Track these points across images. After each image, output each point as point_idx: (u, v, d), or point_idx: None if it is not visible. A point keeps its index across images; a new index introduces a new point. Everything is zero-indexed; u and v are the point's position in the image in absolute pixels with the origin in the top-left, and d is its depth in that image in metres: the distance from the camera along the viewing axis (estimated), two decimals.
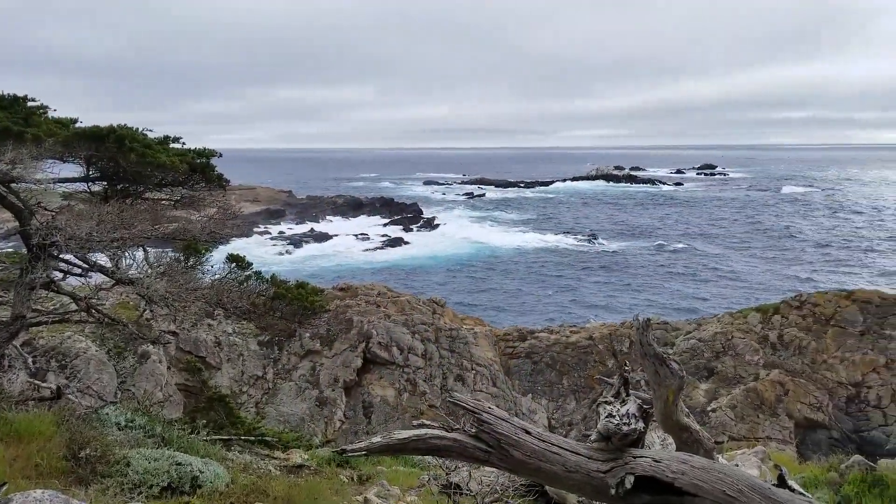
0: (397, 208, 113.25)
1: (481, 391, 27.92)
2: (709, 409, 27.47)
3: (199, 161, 10.42)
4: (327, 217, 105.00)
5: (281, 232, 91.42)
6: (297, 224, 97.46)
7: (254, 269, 10.12)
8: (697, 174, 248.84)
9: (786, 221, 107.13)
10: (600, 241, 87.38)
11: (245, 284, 9.86)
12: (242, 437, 10.88)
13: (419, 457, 9.37)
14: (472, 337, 29.16)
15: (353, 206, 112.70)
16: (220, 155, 11.46)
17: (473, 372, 28.26)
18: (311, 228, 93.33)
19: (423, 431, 3.93)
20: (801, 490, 5.40)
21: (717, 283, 64.77)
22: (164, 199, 10.96)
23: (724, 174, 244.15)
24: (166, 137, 10.62)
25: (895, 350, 28.19)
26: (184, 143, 10.77)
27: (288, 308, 9.81)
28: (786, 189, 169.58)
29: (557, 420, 27.68)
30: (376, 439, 3.94)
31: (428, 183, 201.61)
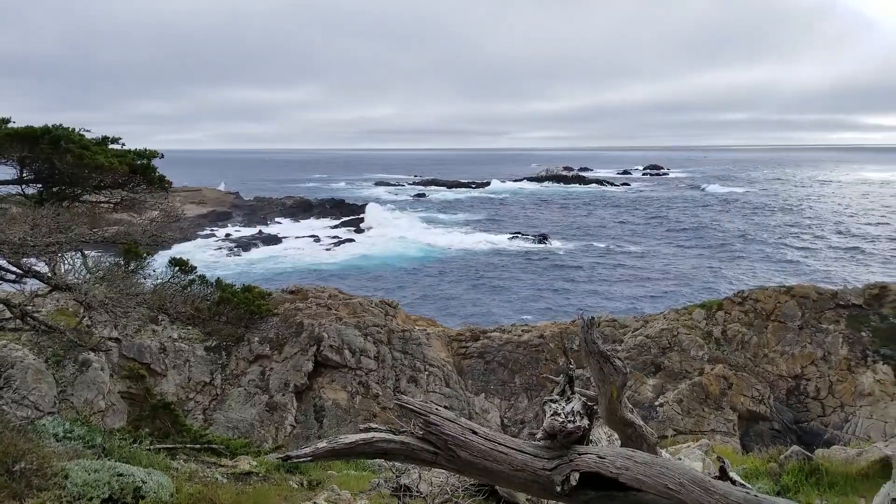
0: (348, 210, 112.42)
1: (434, 392, 27.93)
2: (656, 403, 28.08)
3: (139, 162, 10.11)
4: (276, 219, 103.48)
5: (228, 235, 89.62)
6: (244, 227, 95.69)
7: (198, 274, 9.88)
8: (644, 174, 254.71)
9: (732, 222, 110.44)
10: (551, 241, 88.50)
11: (189, 289, 9.62)
12: (188, 446, 10.60)
13: (370, 460, 9.31)
14: (424, 338, 29.15)
15: (302, 208, 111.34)
16: (162, 156, 11.15)
17: (426, 373, 28.24)
18: (260, 231, 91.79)
19: (369, 435, 3.90)
20: (742, 481, 5.56)
21: (665, 281, 66.37)
22: (103, 202, 10.60)
23: (669, 174, 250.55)
24: (105, 138, 10.27)
25: (832, 343, 29.32)
26: (123, 144, 10.44)
27: (234, 313, 9.60)
28: (726, 189, 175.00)
29: (510, 419, 27.89)
30: (322, 444, 3.89)
31: (379, 184, 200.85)
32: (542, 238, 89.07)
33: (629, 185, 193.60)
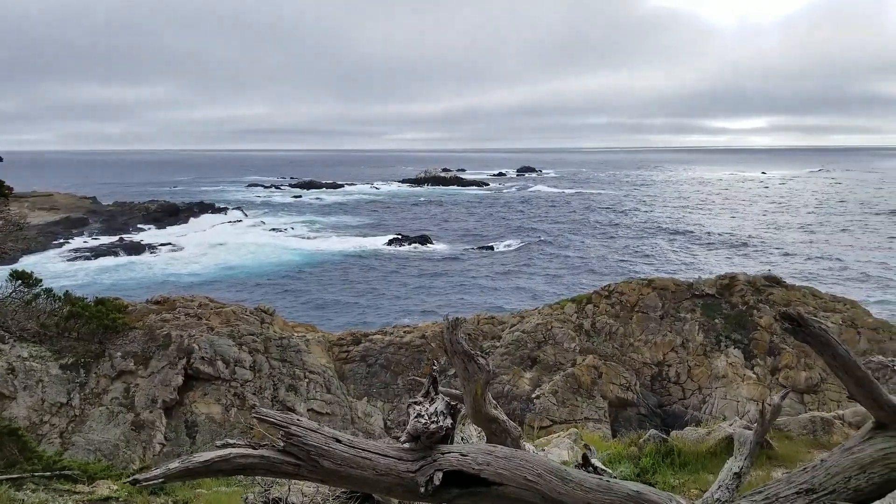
0: (219, 214, 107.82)
1: (315, 399, 27.36)
2: (533, 396, 29.08)
3: None
4: (139, 225, 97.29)
5: (85, 243, 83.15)
6: (103, 234, 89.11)
7: (44, 287, 9.04)
8: (518, 175, 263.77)
9: (601, 220, 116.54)
10: (432, 242, 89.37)
11: (33, 303, 8.79)
12: (36, 474, 9.69)
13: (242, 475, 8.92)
14: (303, 344, 28.48)
15: (168, 213, 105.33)
16: (1, 159, 10.14)
17: (307, 380, 27.61)
18: (121, 238, 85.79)
19: (226, 451, 3.70)
20: (603, 467, 5.84)
21: (542, 277, 68.93)
22: None
23: (541, 175, 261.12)
24: None
25: (689, 331, 31.62)
26: None
27: (86, 328, 8.87)
28: (593, 190, 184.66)
29: (393, 420, 27.84)
30: (174, 464, 3.65)
31: (251, 186, 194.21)
32: (423, 239, 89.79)
33: (506, 185, 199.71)
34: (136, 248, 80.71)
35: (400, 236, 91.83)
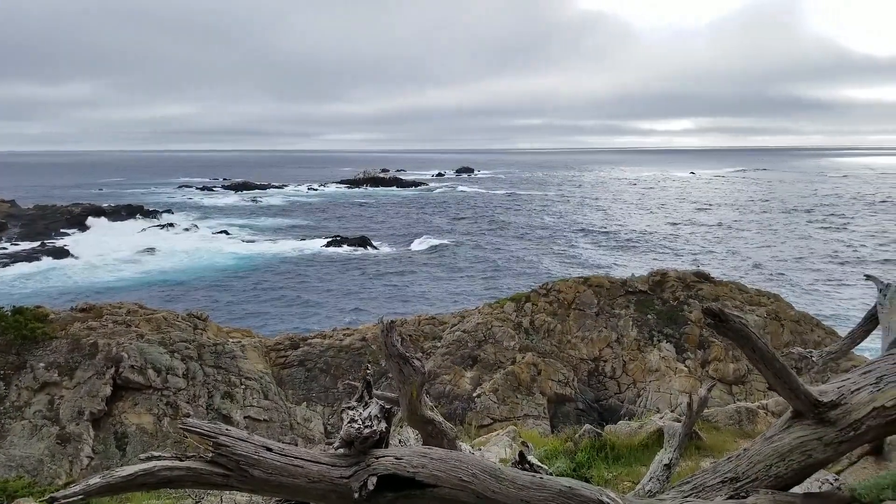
0: (149, 216, 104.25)
1: (252, 406, 26.79)
2: (474, 395, 29.26)
3: None
4: (62, 230, 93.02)
5: (3, 249, 78.90)
6: (23, 239, 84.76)
7: None
8: (457, 175, 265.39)
9: (540, 219, 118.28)
10: (371, 244, 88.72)
11: None
12: None
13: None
14: (239, 350, 27.83)
15: (94, 216, 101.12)
16: None
17: (243, 387, 27.00)
18: (43, 243, 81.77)
19: (150, 465, 3.57)
20: (539, 464, 5.91)
21: (482, 276, 69.43)
22: None
23: (475, 175, 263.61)
24: None
25: (623, 326, 32.43)
26: None
27: (2, 338, 8.40)
28: (526, 192, 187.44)
29: (333, 425, 27.51)
30: (94, 480, 3.50)
31: (182, 187, 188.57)
32: (362, 241, 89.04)
33: (445, 185, 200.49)
34: (59, 254, 77.10)
35: (338, 237, 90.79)
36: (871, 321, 7.85)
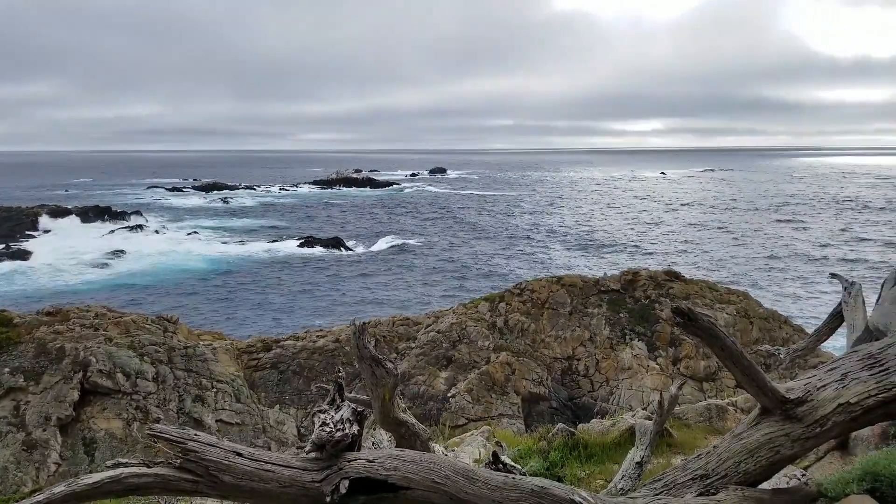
0: (117, 218, 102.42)
1: (224, 409, 26.47)
2: (449, 395, 29.28)
3: None
4: (27, 231, 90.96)
5: None
6: None
7: None
8: (431, 175, 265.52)
9: (514, 220, 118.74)
10: (345, 245, 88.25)
11: None
12: None
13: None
14: (210, 353, 27.48)
15: (61, 217, 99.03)
16: None
17: (214, 390, 26.67)
18: (7, 245, 79.85)
19: (118, 471, 3.49)
20: (512, 464, 5.92)
21: (457, 276, 69.43)
22: None
23: (451, 176, 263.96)
24: None
25: (596, 325, 32.72)
26: None
27: None
28: (501, 193, 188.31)
29: (306, 428, 27.30)
30: (59, 488, 3.41)
31: (151, 188, 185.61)
32: (335, 242, 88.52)
33: (418, 185, 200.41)
34: (24, 256, 75.43)
35: (311, 238, 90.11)
36: (836, 319, 8.04)
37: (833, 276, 8.54)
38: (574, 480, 7.11)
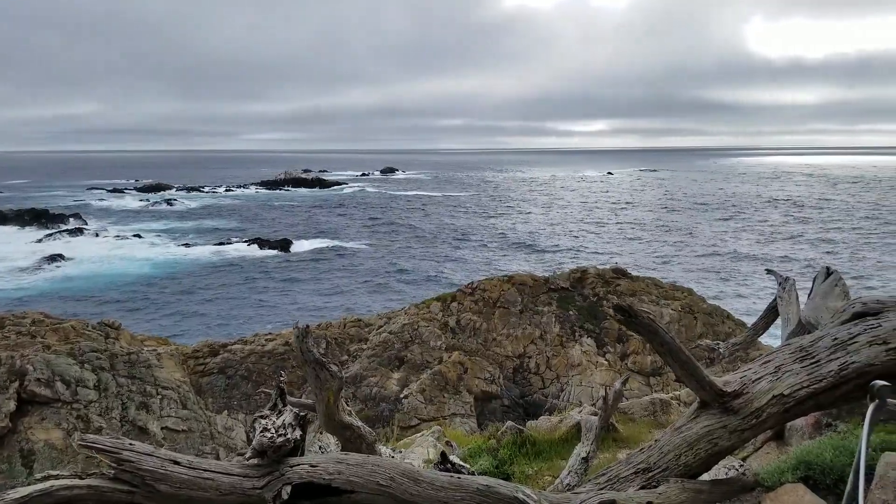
0: (54, 220, 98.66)
1: (170, 416, 25.75)
2: (402, 396, 29.20)
3: None
4: None
5: None
6: None
7: None
8: (382, 175, 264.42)
9: (462, 220, 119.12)
10: (294, 246, 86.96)
11: None
12: None
13: None
14: (155, 359, 26.69)
15: None
16: None
17: (159, 397, 25.92)
18: None
19: (47, 484, 3.36)
20: (461, 463, 5.93)
21: (407, 277, 69.22)
22: None
23: (401, 176, 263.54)
24: None
25: (547, 323, 33.11)
26: None
27: None
28: (454, 193, 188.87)
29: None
30: None
31: (91, 190, 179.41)
32: (285, 244, 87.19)
33: (367, 185, 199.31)
34: None
35: (258, 240, 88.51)
36: (772, 313, 8.33)
37: (768, 271, 8.85)
38: (522, 478, 7.17)
